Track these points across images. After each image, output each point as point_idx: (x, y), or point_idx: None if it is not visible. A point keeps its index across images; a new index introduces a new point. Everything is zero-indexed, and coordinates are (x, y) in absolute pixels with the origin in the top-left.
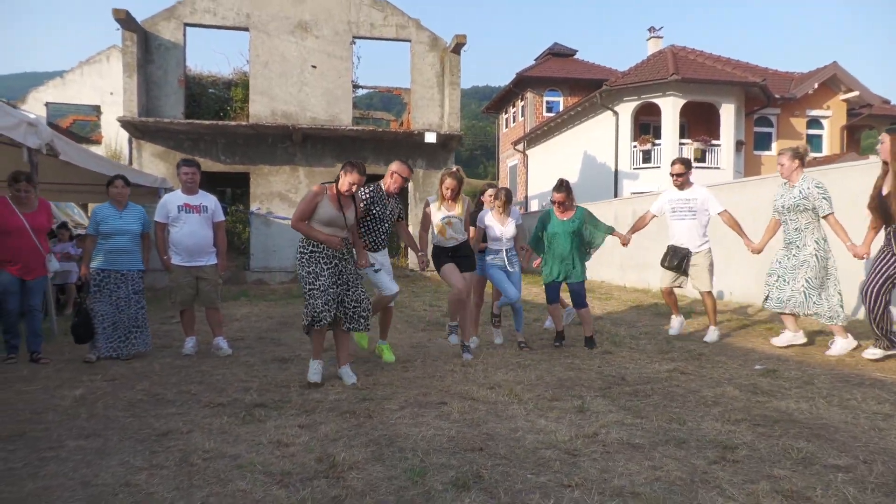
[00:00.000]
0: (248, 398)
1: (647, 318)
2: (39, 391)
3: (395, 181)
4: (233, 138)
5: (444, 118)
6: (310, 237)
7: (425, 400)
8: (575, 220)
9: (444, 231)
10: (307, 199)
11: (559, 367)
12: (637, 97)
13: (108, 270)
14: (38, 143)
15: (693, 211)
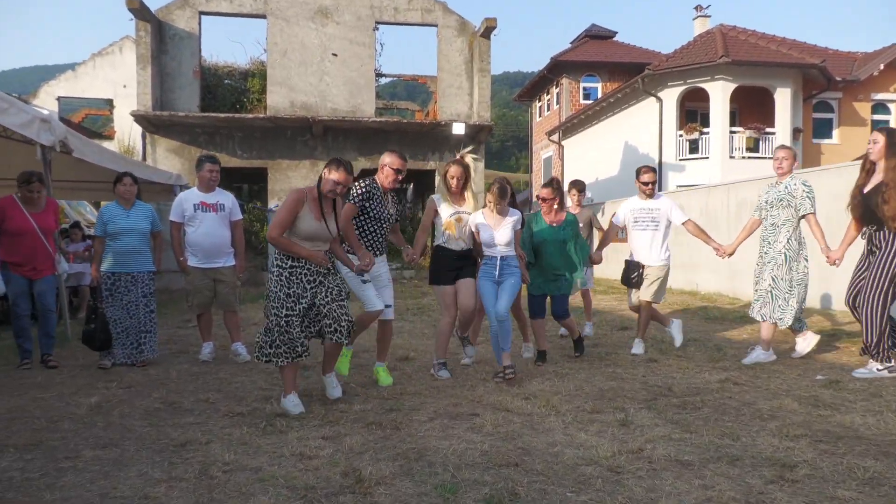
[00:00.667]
0: (269, 408)
1: (695, 322)
2: (55, 398)
3: (388, 175)
4: (250, 132)
5: (473, 107)
6: (290, 252)
7: (456, 411)
8: (566, 226)
9: (452, 227)
10: (287, 206)
11: (599, 377)
12: (683, 82)
13: (118, 273)
14: (51, 141)
15: (656, 221)
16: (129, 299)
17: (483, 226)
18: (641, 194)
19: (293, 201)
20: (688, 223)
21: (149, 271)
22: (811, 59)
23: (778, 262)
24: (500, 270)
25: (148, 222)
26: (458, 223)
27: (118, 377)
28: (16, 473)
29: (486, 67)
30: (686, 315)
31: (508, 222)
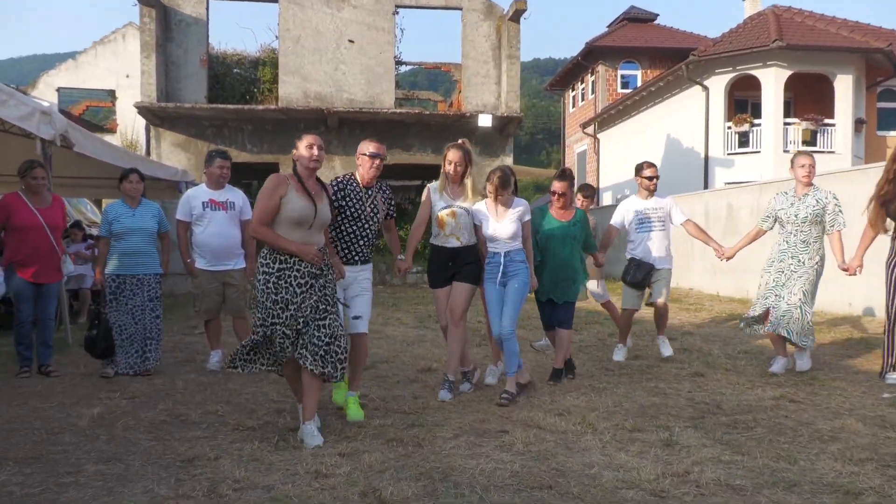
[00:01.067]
0: (282, 421)
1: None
2: (55, 409)
3: (364, 165)
4: (260, 124)
5: (501, 97)
6: (277, 247)
7: (483, 428)
8: (576, 222)
9: (443, 224)
10: (266, 193)
11: (641, 392)
12: (731, 69)
13: (123, 276)
14: (52, 134)
15: (662, 221)
16: (134, 303)
17: (484, 217)
18: (643, 192)
19: (272, 186)
20: (688, 223)
21: (155, 274)
22: (876, 43)
23: (811, 278)
24: (505, 268)
25: (155, 222)
26: (452, 218)
27: (121, 387)
28: (15, 488)
29: (514, 54)
30: (736, 325)
31: (513, 213)
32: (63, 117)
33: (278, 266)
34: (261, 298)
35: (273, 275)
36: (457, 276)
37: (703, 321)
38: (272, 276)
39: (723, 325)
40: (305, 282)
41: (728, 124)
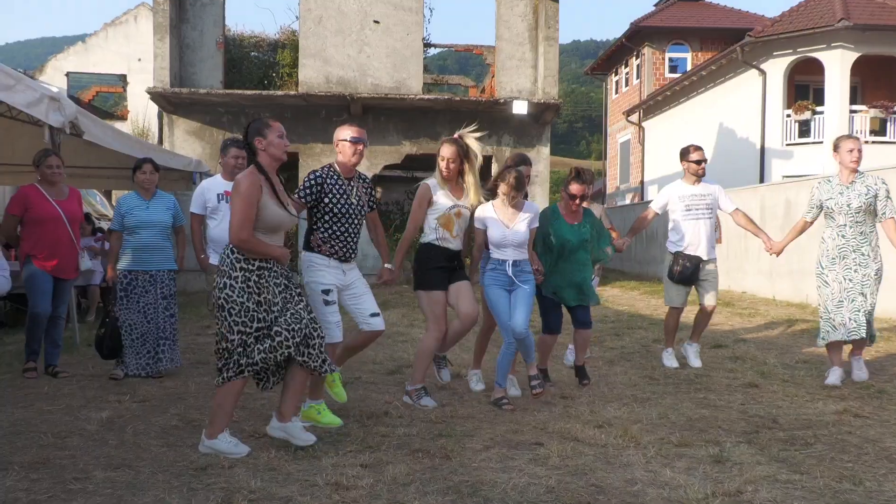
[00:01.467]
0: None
1: (805, 340)
2: (62, 412)
3: (345, 152)
4: (279, 111)
5: (538, 82)
6: (262, 254)
7: (516, 439)
8: (587, 224)
9: (451, 225)
10: (247, 196)
11: (688, 403)
12: (792, 51)
13: (135, 272)
14: (61, 121)
15: (710, 208)
16: (146, 301)
17: (493, 221)
18: (690, 177)
19: (251, 187)
20: (737, 213)
21: (169, 270)
22: None
23: (878, 276)
24: (513, 279)
25: (170, 215)
26: (458, 219)
27: (131, 390)
28: (21, 494)
29: (553, 35)
30: (794, 332)
31: (524, 218)
32: (73, 103)
33: (258, 265)
34: (238, 299)
35: (254, 273)
36: (453, 277)
37: (757, 327)
38: (252, 275)
39: (779, 331)
40: (280, 283)
41: (787, 112)
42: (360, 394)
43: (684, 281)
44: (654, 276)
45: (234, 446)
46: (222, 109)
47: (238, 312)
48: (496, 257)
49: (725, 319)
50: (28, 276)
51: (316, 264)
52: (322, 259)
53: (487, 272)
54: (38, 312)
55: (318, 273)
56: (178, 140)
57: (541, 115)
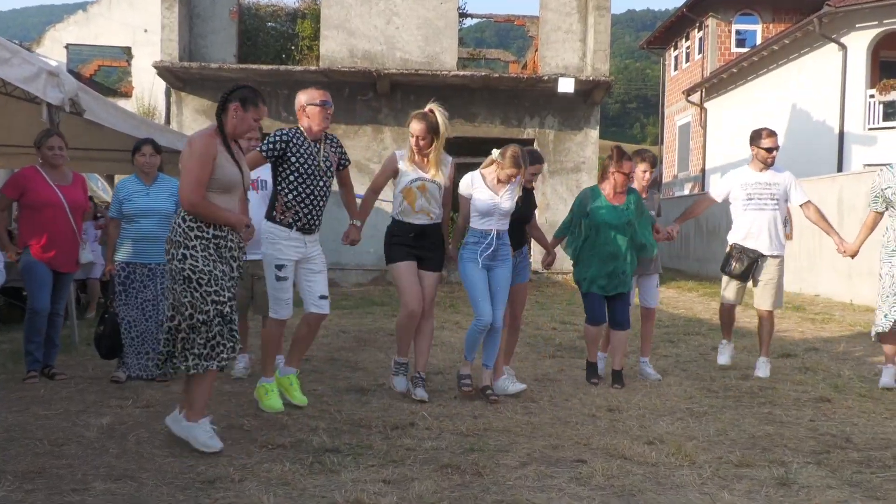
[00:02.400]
0: (317, 440)
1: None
2: (59, 417)
3: (312, 115)
4: (299, 88)
5: (587, 58)
6: (215, 219)
7: (556, 455)
8: (629, 204)
9: (412, 198)
10: (200, 155)
11: (750, 419)
12: (877, 22)
13: (133, 264)
14: (60, 99)
15: (776, 199)
16: (144, 297)
17: (480, 189)
18: (758, 164)
19: (206, 146)
20: (808, 206)
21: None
22: None
23: None
24: (495, 251)
25: (172, 202)
26: (422, 192)
27: (134, 394)
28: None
29: (604, 4)
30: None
31: (511, 189)
32: (73, 79)
33: (213, 232)
34: (202, 267)
35: (210, 241)
36: (422, 262)
37: (832, 335)
38: (211, 242)
39: (856, 340)
40: (234, 256)
41: (871, 92)
42: (384, 402)
43: (739, 276)
44: (714, 275)
45: (210, 438)
46: None
47: (208, 282)
48: (479, 228)
49: (795, 325)
50: (26, 267)
51: (276, 236)
52: (283, 231)
53: (467, 246)
54: (38, 308)
55: (276, 246)
56: (186, 119)
57: (589, 95)
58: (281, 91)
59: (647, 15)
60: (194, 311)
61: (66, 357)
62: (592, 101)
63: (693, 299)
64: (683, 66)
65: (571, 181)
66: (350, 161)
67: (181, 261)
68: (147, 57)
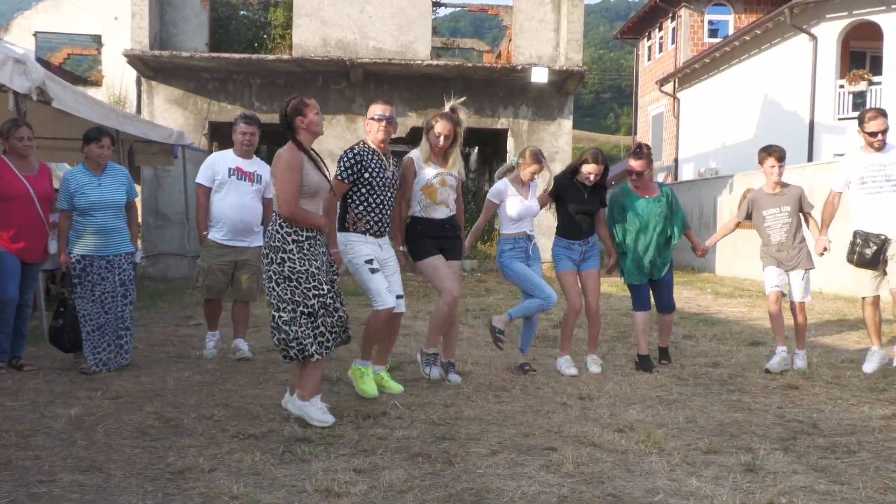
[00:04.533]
0: (288, 429)
1: (854, 337)
2: (27, 408)
3: (375, 130)
4: (271, 77)
5: (560, 47)
6: (308, 224)
7: (527, 443)
8: (662, 198)
9: (434, 194)
10: (291, 165)
11: (719, 406)
12: (847, 13)
13: (90, 257)
14: (27, 87)
15: (891, 180)
16: (103, 289)
17: (511, 196)
18: (868, 147)
19: (294, 158)
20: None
21: (127, 253)
22: None
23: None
24: (530, 254)
25: (123, 192)
26: (442, 186)
27: (104, 385)
28: None
29: None
30: (842, 328)
31: (534, 188)
32: (41, 67)
33: (306, 234)
34: (298, 267)
35: (304, 242)
36: (445, 252)
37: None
38: (304, 243)
39: (825, 327)
40: (324, 252)
41: (840, 82)
42: (356, 392)
43: (866, 264)
44: (686, 265)
45: (322, 413)
46: (207, 75)
47: (307, 279)
48: (512, 233)
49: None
50: None
51: (353, 241)
52: (357, 236)
53: (505, 252)
54: (6, 298)
55: (357, 247)
56: (158, 109)
57: (563, 84)
58: (253, 80)
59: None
60: (296, 306)
61: (34, 348)
62: (566, 90)
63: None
64: (657, 57)
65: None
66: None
67: (280, 264)
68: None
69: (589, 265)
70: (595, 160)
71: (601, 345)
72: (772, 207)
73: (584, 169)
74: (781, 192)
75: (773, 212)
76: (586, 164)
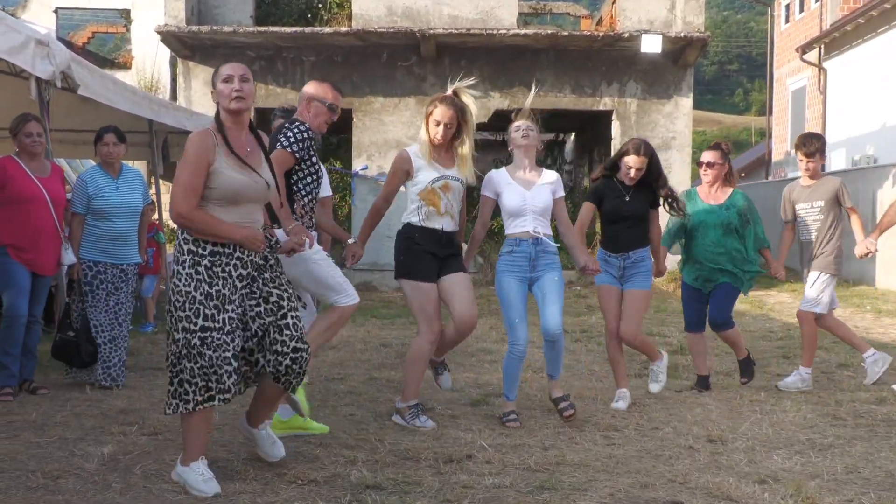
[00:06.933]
0: (355, 474)
1: None
2: (54, 446)
3: (320, 114)
4: (327, 54)
5: (677, 9)
6: (214, 235)
7: (645, 496)
8: (732, 206)
9: (436, 199)
10: (193, 157)
11: (887, 452)
12: None
13: (103, 264)
14: (50, 72)
15: None
16: (117, 299)
17: (508, 185)
18: None
19: (199, 149)
20: None
21: (136, 264)
22: None
23: None
24: (535, 261)
25: (140, 196)
26: (446, 192)
27: (139, 419)
28: None
29: None
30: None
31: (547, 181)
32: (65, 48)
33: (211, 249)
34: (185, 290)
35: (204, 258)
36: (445, 267)
37: None
38: (203, 260)
39: None
40: (248, 274)
41: None
42: (435, 430)
43: None
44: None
45: (205, 481)
46: (253, 53)
47: (182, 305)
48: (512, 233)
49: None
50: (2, 270)
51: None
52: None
53: (503, 256)
54: (14, 315)
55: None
56: (195, 94)
57: (680, 54)
58: (306, 58)
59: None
60: (169, 339)
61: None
62: (684, 62)
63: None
64: (797, 18)
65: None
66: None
67: (178, 285)
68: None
69: (632, 284)
70: (637, 151)
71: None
72: (804, 202)
73: (626, 162)
74: (816, 185)
75: (804, 206)
76: (627, 156)
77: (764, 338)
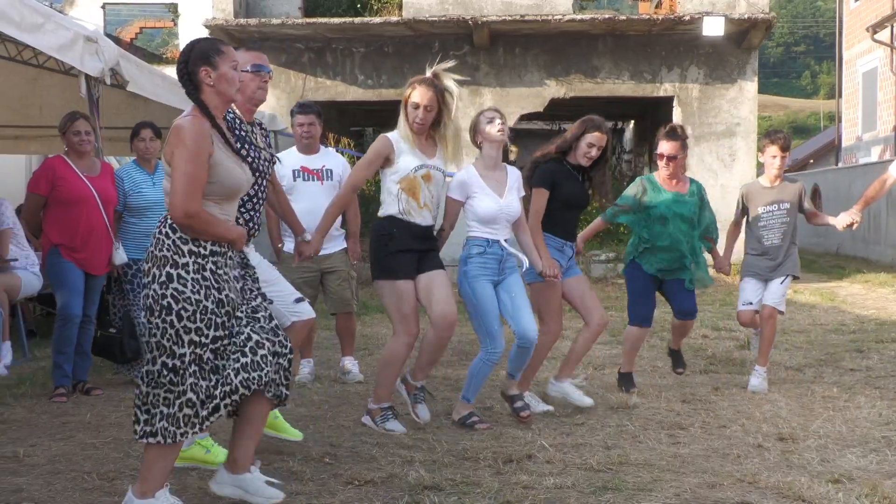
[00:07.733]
0: (413, 475)
1: None
2: (109, 446)
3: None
4: (377, 45)
5: None
6: (213, 235)
7: (713, 496)
8: (693, 194)
9: (416, 189)
10: (194, 148)
11: None
12: None
13: (140, 261)
14: (99, 69)
15: None
16: None
17: (481, 190)
18: None
19: (199, 137)
20: None
21: None
22: None
23: None
24: (503, 261)
25: None
26: (427, 183)
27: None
28: None
29: None
30: None
31: (512, 183)
32: (113, 45)
33: (211, 249)
34: (193, 298)
35: (208, 259)
36: (424, 264)
37: None
38: (206, 262)
39: None
40: (240, 274)
41: None
42: (494, 429)
43: None
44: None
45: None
46: (302, 45)
47: (192, 315)
48: (482, 236)
49: None
50: (55, 270)
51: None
52: None
53: (473, 258)
54: (68, 315)
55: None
56: None
57: (744, 37)
58: (356, 49)
59: None
60: (157, 356)
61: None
62: (749, 44)
63: (886, 297)
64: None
65: (723, 148)
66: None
67: (164, 283)
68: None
69: (576, 271)
70: (601, 128)
71: None
72: (769, 204)
73: (587, 140)
74: (781, 186)
75: (770, 209)
76: (589, 134)
77: (836, 331)
